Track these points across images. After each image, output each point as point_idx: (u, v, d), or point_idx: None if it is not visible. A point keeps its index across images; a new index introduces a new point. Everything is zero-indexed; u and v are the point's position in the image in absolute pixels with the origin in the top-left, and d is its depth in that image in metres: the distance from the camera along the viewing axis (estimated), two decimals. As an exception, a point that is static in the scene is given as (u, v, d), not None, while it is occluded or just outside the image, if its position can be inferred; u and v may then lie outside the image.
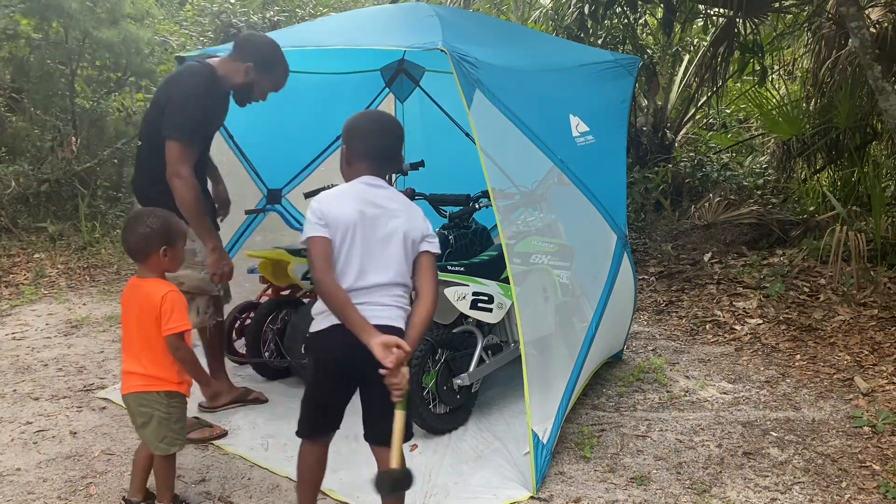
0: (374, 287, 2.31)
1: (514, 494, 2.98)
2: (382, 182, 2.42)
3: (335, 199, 2.34)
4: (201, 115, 3.33)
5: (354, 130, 2.42)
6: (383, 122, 2.49)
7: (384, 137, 2.43)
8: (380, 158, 2.42)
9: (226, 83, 3.42)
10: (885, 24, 6.49)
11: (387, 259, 2.33)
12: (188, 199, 3.21)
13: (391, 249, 2.33)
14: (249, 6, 10.55)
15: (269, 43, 3.41)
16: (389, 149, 2.44)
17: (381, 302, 2.32)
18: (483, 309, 3.49)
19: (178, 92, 3.28)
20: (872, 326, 4.75)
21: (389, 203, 2.37)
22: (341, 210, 2.30)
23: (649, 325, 5.24)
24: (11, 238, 7.48)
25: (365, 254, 2.30)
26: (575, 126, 3.66)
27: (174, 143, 3.20)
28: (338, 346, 2.33)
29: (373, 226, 2.32)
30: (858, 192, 6.74)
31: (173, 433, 2.71)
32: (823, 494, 2.98)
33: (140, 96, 10.03)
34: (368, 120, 2.47)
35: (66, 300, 6.01)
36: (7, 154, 8.34)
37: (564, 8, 7.68)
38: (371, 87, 5.38)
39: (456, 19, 3.90)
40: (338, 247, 2.29)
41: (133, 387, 2.65)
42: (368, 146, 2.41)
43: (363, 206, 2.32)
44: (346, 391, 2.48)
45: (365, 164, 2.40)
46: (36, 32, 8.49)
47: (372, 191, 2.37)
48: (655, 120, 8.39)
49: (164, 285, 2.61)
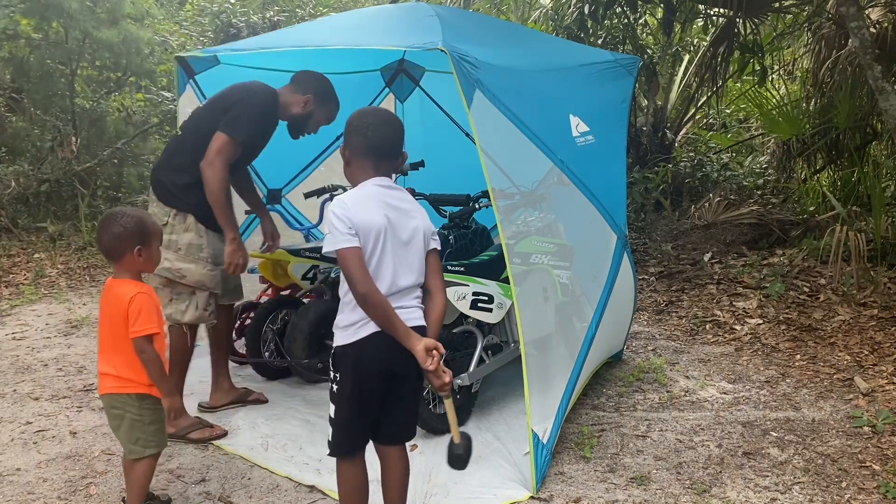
0: (405, 290, 2.35)
1: (514, 494, 2.98)
2: (392, 182, 2.42)
3: (361, 206, 2.29)
4: (256, 130, 3.44)
5: (353, 126, 2.41)
6: (383, 117, 2.47)
7: (383, 130, 2.41)
8: (380, 154, 2.40)
9: (284, 112, 3.56)
10: (885, 24, 6.49)
11: (410, 261, 2.35)
12: (216, 189, 3.28)
13: (413, 251, 2.36)
14: (249, 6, 10.55)
15: (325, 78, 3.65)
16: (390, 144, 2.42)
17: (411, 304, 2.37)
18: (483, 309, 3.49)
19: (249, 100, 3.39)
20: (872, 326, 4.75)
21: (405, 204, 2.39)
22: (369, 217, 2.27)
23: (649, 325, 5.24)
24: (11, 238, 7.48)
25: (395, 258, 2.32)
26: (575, 126, 3.66)
27: (222, 136, 3.29)
28: (383, 354, 2.31)
29: (398, 229, 2.33)
30: (858, 192, 6.74)
31: (146, 435, 2.64)
32: (823, 494, 2.98)
33: (140, 96, 10.03)
34: (368, 115, 2.45)
35: (66, 300, 6.01)
36: (7, 154, 8.34)
37: (564, 8, 7.68)
38: (371, 87, 5.38)
39: (456, 19, 3.90)
40: (369, 254, 2.28)
41: (106, 388, 2.61)
42: (369, 142, 2.38)
43: (387, 210, 2.32)
44: (381, 398, 2.42)
45: (367, 162, 2.39)
46: (36, 32, 8.49)
47: (389, 192, 2.37)
48: (655, 120, 8.39)
49: (135, 287, 2.58)
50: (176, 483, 3.11)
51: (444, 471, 3.16)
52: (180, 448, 3.42)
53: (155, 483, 3.09)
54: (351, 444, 2.44)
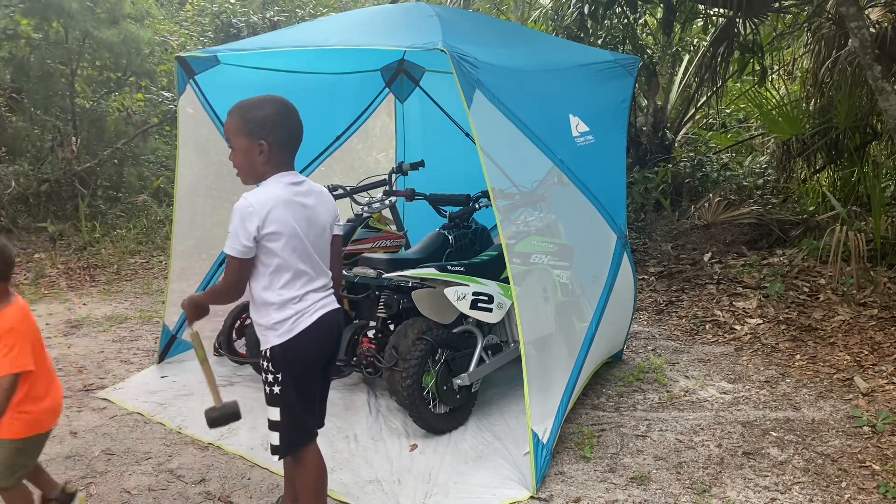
0: (321, 279, 2.43)
1: (513, 494, 2.98)
2: (298, 174, 2.41)
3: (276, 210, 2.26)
4: None
5: (271, 119, 2.29)
6: (290, 106, 2.38)
7: (297, 120, 2.38)
8: (297, 145, 2.40)
9: None
10: (885, 24, 6.49)
11: (322, 250, 2.44)
12: None
13: (324, 241, 2.46)
14: (249, 6, 10.56)
15: None
16: (302, 133, 2.41)
17: (328, 290, 2.47)
18: (483, 309, 3.49)
19: None
20: (872, 326, 4.75)
21: (313, 198, 2.40)
22: (286, 220, 2.28)
23: (649, 325, 5.24)
24: (11, 238, 7.48)
25: (313, 254, 2.38)
26: (575, 126, 3.66)
27: None
28: (323, 342, 2.43)
29: (312, 226, 2.38)
30: (858, 192, 6.74)
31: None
32: (823, 494, 2.98)
33: (140, 96, 10.04)
34: (278, 105, 2.33)
35: (66, 300, 6.01)
36: (7, 154, 8.34)
37: (564, 8, 7.68)
38: (371, 87, 5.38)
39: (456, 19, 3.90)
40: (289, 254, 2.30)
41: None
42: (291, 133, 2.36)
43: (302, 210, 2.34)
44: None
45: (288, 155, 2.37)
46: (36, 32, 8.49)
47: (299, 189, 2.36)
48: (655, 120, 8.39)
49: None
50: (176, 483, 3.11)
51: (445, 471, 3.17)
52: (180, 448, 3.43)
53: (155, 483, 3.10)
54: (306, 437, 2.49)
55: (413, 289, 3.58)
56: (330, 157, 5.23)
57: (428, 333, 3.48)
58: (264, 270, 2.31)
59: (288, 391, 2.38)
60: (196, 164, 4.46)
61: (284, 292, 2.32)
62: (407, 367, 3.37)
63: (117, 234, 8.05)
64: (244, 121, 2.30)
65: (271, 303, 2.33)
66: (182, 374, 4.31)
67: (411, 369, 3.37)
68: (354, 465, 3.24)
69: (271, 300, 2.32)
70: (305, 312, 2.36)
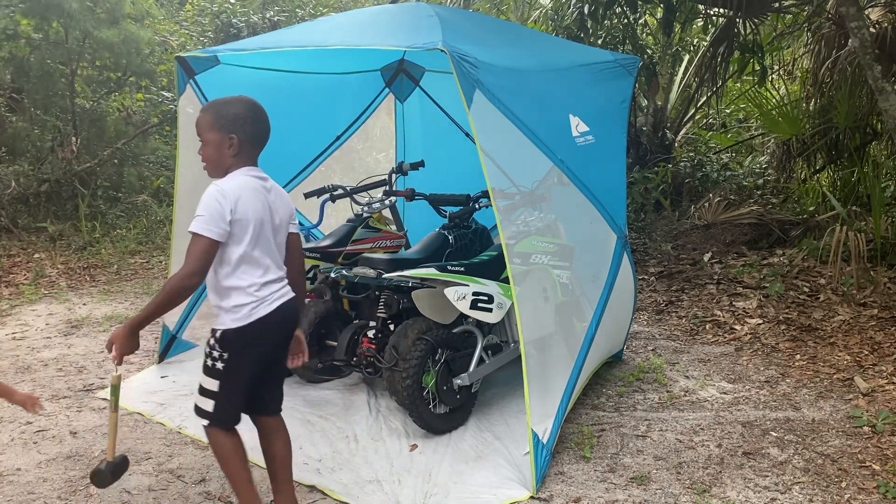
0: (278, 269, 2.54)
1: (513, 494, 2.97)
2: (262, 171, 2.54)
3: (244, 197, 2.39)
4: None
5: (242, 115, 2.44)
6: (258, 106, 2.52)
7: (265, 119, 2.52)
8: (263, 142, 2.53)
9: None
10: (885, 24, 6.49)
11: (279, 242, 2.56)
12: None
13: (282, 234, 2.57)
14: (249, 6, 10.55)
15: None
16: (269, 131, 2.55)
17: (284, 281, 2.57)
18: (483, 309, 3.49)
19: None
20: (872, 326, 4.75)
21: (274, 193, 2.54)
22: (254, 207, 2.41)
23: (649, 325, 5.24)
24: (11, 238, 7.48)
25: (272, 244, 2.50)
26: (575, 126, 3.66)
27: None
28: (279, 332, 2.53)
29: (273, 217, 2.51)
30: (858, 192, 6.74)
31: None
32: (823, 494, 2.98)
33: (140, 96, 10.04)
34: (246, 104, 2.48)
35: (66, 300, 6.01)
36: (7, 154, 8.35)
37: (564, 8, 7.68)
38: (371, 87, 5.38)
39: (456, 19, 3.90)
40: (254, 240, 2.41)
41: None
42: (259, 131, 2.50)
43: (266, 201, 2.47)
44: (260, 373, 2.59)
45: (255, 151, 2.52)
46: (36, 32, 8.50)
47: (263, 182, 2.51)
48: (655, 120, 8.39)
49: None
50: (176, 483, 3.11)
51: (445, 471, 3.17)
52: (180, 448, 3.43)
53: (155, 483, 3.10)
54: (236, 415, 2.57)
55: (413, 289, 3.58)
56: (330, 157, 5.23)
57: (428, 333, 3.48)
58: (229, 257, 2.39)
59: (230, 371, 2.47)
60: (196, 164, 4.39)
61: (247, 278, 2.42)
62: (407, 367, 3.37)
63: (117, 234, 8.05)
64: (218, 116, 2.45)
65: (234, 287, 2.41)
66: (182, 374, 4.31)
67: (411, 369, 3.37)
68: (354, 465, 3.23)
69: (234, 285, 2.41)
70: (265, 301, 2.45)
